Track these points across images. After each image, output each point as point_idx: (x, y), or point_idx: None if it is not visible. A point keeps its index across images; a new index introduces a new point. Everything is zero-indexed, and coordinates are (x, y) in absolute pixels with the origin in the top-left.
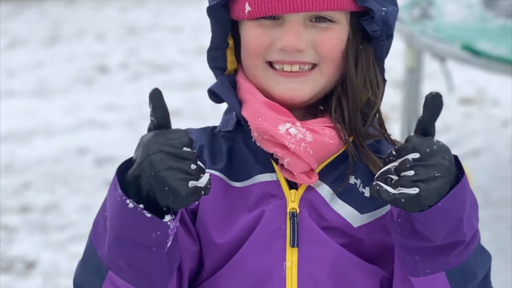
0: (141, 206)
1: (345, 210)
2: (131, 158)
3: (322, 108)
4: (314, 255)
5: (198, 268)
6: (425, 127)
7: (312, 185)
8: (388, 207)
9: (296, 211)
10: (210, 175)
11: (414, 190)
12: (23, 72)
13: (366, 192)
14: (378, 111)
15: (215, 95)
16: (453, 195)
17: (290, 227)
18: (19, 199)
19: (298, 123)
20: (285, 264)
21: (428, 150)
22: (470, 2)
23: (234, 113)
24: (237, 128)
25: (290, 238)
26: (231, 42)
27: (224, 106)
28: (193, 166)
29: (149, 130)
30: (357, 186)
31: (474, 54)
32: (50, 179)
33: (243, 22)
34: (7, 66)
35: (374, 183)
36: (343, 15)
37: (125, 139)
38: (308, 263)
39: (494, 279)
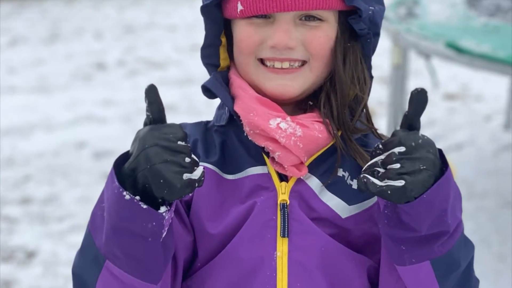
0: (137, 197)
1: (333, 202)
2: (128, 151)
3: (311, 103)
4: (304, 245)
5: (192, 258)
6: (410, 121)
7: (302, 177)
8: (375, 198)
9: (286, 203)
10: (203, 168)
11: (400, 183)
12: (24, 69)
13: (354, 184)
14: (366, 106)
15: (208, 91)
16: (438, 187)
17: (281, 218)
18: (20, 191)
19: (288, 118)
20: (276, 253)
21: (413, 144)
22: (454, 2)
23: (226, 108)
24: (230, 123)
25: (281, 229)
26: (224, 40)
27: (217, 101)
28: (187, 159)
29: (145, 124)
30: (345, 178)
31: (458, 51)
32: (50, 172)
33: (236, 20)
34: (9, 63)
35: (361, 175)
36: (331, 14)
37: (122, 133)
38: (298, 253)
39: (477, 268)
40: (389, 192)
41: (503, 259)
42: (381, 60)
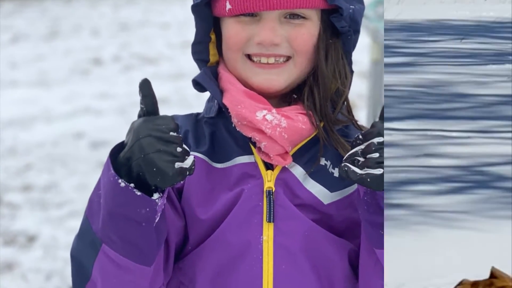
0: (132, 185)
1: (316, 189)
2: (123, 141)
3: (295, 96)
4: (288, 229)
5: (184, 241)
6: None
7: (286, 166)
8: (355, 186)
9: (272, 190)
10: (194, 157)
11: (379, 171)
12: (25, 64)
13: (336, 172)
14: (346, 99)
15: (198, 84)
16: None
17: (267, 204)
18: (21, 179)
19: (274, 110)
20: (262, 237)
21: None
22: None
23: (216, 101)
24: (219, 115)
25: (267, 214)
26: (213, 36)
27: (207, 94)
28: (179, 149)
29: (139, 116)
30: (327, 167)
31: None
32: (50, 161)
33: (224, 18)
34: (11, 59)
35: (342, 164)
36: (314, 13)
37: (118, 124)
38: (283, 237)
39: None
40: (368, 179)
41: None
42: (361, 56)
